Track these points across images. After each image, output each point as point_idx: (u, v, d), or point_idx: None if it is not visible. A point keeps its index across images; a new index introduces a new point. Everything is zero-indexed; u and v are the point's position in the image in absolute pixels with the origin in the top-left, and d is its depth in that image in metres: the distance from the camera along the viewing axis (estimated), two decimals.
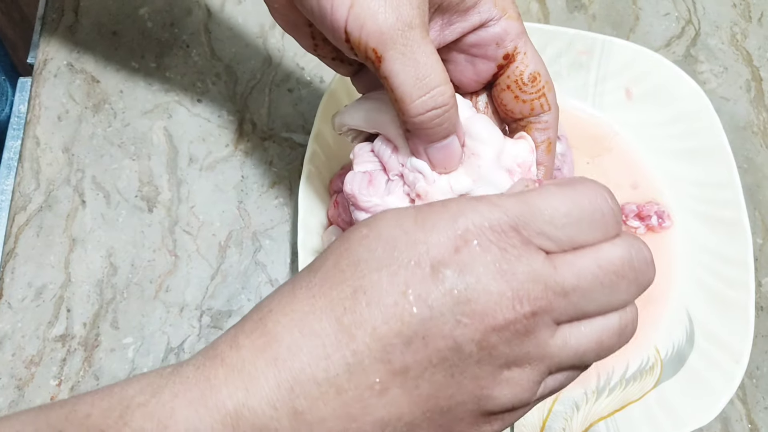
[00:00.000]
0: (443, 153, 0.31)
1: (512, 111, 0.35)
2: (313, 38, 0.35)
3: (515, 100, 0.34)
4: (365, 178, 0.34)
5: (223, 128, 0.53)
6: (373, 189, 0.34)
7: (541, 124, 0.34)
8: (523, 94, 0.34)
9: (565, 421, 0.46)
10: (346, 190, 0.34)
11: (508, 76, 0.34)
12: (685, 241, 0.50)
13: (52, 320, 0.48)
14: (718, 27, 0.59)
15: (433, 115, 0.29)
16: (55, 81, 0.54)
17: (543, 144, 0.34)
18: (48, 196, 0.50)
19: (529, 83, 0.34)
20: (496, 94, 0.35)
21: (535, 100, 0.34)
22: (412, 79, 0.29)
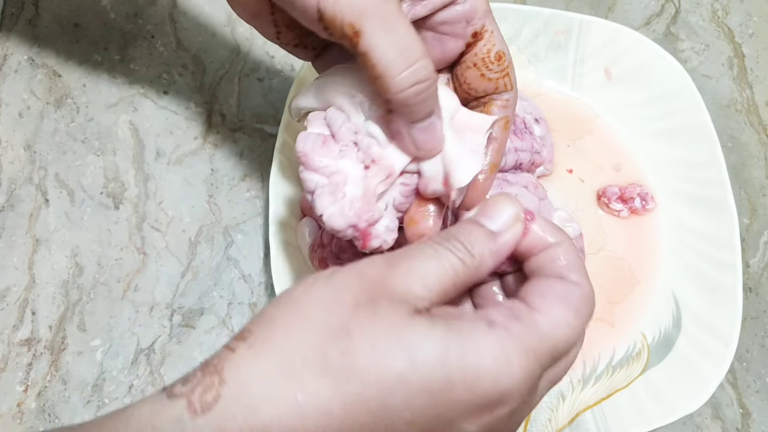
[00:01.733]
0: (427, 134, 0.30)
1: (476, 89, 0.34)
2: (275, 26, 0.34)
3: (480, 78, 0.34)
4: (319, 139, 0.32)
5: (191, 120, 0.51)
6: (327, 150, 0.32)
7: (502, 101, 0.34)
8: (489, 72, 0.34)
9: (551, 412, 0.44)
10: (298, 148, 0.32)
11: (475, 54, 0.33)
12: (670, 223, 0.49)
13: (17, 324, 0.46)
14: (698, 4, 0.58)
15: (418, 89, 0.28)
16: (15, 76, 0.52)
17: (501, 121, 0.34)
18: (10, 195, 0.49)
19: (495, 62, 0.33)
20: (461, 72, 0.34)
21: (499, 79, 0.34)
22: (395, 53, 0.27)
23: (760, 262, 0.51)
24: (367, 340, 0.23)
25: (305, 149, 0.32)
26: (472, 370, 0.24)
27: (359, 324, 0.24)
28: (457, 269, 0.26)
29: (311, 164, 0.32)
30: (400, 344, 0.23)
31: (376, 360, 0.23)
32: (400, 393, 0.23)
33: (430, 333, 0.24)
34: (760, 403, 0.47)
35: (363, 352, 0.23)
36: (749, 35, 0.57)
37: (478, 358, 0.24)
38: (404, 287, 0.25)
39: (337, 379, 0.23)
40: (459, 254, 0.26)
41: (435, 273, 0.26)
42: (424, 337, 0.24)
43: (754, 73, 0.56)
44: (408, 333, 0.24)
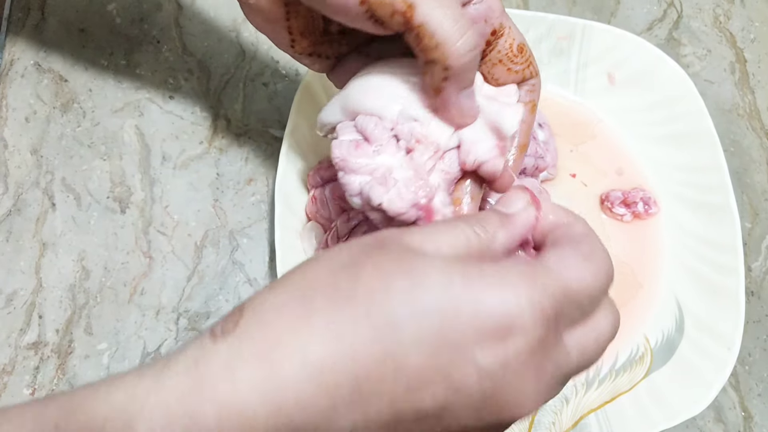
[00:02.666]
0: (471, 100, 0.32)
1: (504, 83, 0.36)
2: (290, 33, 0.35)
3: (507, 73, 0.35)
4: (352, 144, 0.33)
5: (197, 125, 0.52)
6: (362, 152, 0.33)
7: (528, 86, 0.36)
8: (515, 65, 0.35)
9: (554, 415, 0.45)
10: (335, 155, 0.33)
11: (498, 51, 0.35)
12: (672, 227, 0.49)
13: (24, 327, 0.46)
14: (700, 9, 0.58)
15: (474, 54, 0.30)
16: (22, 81, 0.52)
17: (528, 105, 0.36)
18: (17, 199, 0.49)
19: (519, 54, 0.35)
20: (487, 70, 0.35)
21: (524, 69, 0.35)
22: (451, 21, 0.29)
23: (762, 266, 0.51)
24: (373, 266, 0.24)
25: (342, 154, 0.33)
26: (478, 290, 0.24)
27: (368, 256, 0.25)
28: (471, 239, 0.27)
29: (350, 167, 0.33)
30: (406, 268, 0.24)
31: (382, 280, 0.24)
32: (406, 310, 0.23)
33: (433, 260, 0.25)
34: (762, 407, 0.48)
35: (369, 275, 0.24)
36: (751, 40, 0.58)
37: (482, 280, 0.24)
38: (417, 242, 0.26)
39: (345, 299, 0.24)
40: (473, 227, 0.27)
41: (448, 237, 0.26)
42: (430, 263, 0.24)
43: (755, 78, 0.56)
44: (414, 260, 0.24)
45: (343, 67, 0.37)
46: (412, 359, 0.23)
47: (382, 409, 0.23)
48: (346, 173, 0.33)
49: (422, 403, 0.24)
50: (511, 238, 0.28)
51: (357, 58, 0.37)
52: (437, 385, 0.23)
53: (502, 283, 0.24)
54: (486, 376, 0.24)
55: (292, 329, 0.23)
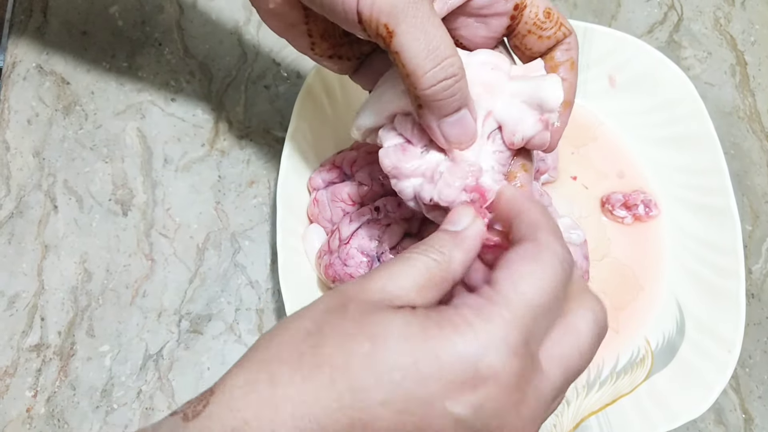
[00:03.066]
0: (457, 128, 0.31)
1: (538, 51, 0.35)
2: (309, 36, 0.35)
3: (539, 40, 0.35)
4: (398, 149, 0.33)
5: (199, 127, 0.52)
6: (410, 154, 0.33)
7: (564, 45, 0.35)
8: (545, 32, 0.35)
9: (555, 417, 0.45)
10: (386, 164, 0.33)
11: (525, 22, 0.34)
12: (673, 229, 0.49)
13: (26, 329, 0.46)
14: (701, 12, 0.59)
15: (445, 85, 0.30)
16: (24, 84, 0.52)
17: (566, 63, 0.35)
18: (19, 202, 0.49)
19: (547, 20, 0.34)
20: (518, 41, 0.35)
21: (556, 32, 0.35)
22: (424, 51, 0.29)
23: (763, 269, 0.51)
24: (335, 332, 0.25)
25: (392, 162, 0.33)
26: (435, 342, 0.24)
27: (330, 322, 0.25)
28: (430, 266, 0.27)
29: (403, 173, 0.33)
30: (364, 329, 0.24)
31: (343, 346, 0.24)
32: (367, 372, 0.24)
33: (393, 317, 0.25)
34: (762, 409, 0.48)
35: (331, 342, 0.24)
36: (751, 43, 0.58)
37: (439, 331, 0.24)
38: (378, 289, 0.26)
39: (308, 369, 0.24)
40: (429, 254, 0.27)
41: (408, 273, 0.26)
42: (387, 320, 0.24)
43: (756, 81, 0.56)
44: (371, 319, 0.25)
45: (370, 68, 0.37)
46: (382, 421, 0.23)
47: None
48: (399, 180, 0.33)
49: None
50: (467, 254, 0.28)
51: (382, 57, 0.37)
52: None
53: (459, 332, 0.24)
54: (462, 424, 0.24)
55: (259, 408, 0.24)
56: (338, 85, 0.49)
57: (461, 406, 0.24)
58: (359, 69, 0.38)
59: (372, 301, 0.25)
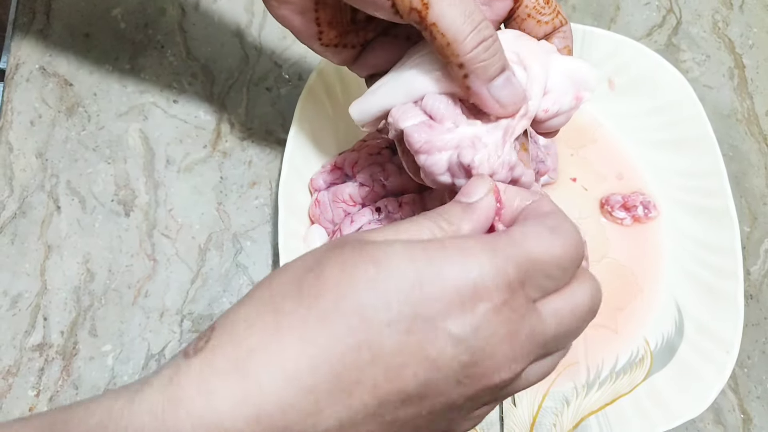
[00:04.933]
0: (507, 89, 0.32)
1: (536, 36, 0.36)
2: (318, 24, 0.35)
3: (537, 25, 0.35)
4: (424, 126, 0.33)
5: (201, 129, 0.52)
6: (439, 128, 0.32)
7: (561, 33, 0.36)
8: (544, 17, 0.35)
9: (555, 417, 0.45)
10: (415, 140, 0.32)
11: (526, 6, 0.35)
12: (672, 231, 0.49)
13: (29, 329, 0.46)
14: (699, 15, 0.59)
15: (486, 45, 0.30)
16: (27, 85, 0.52)
17: (564, 50, 0.36)
18: (22, 202, 0.49)
19: (546, 5, 0.35)
20: (517, 26, 0.36)
21: (554, 19, 0.36)
22: (462, 16, 0.30)
23: (761, 270, 0.51)
24: (336, 262, 0.25)
25: (423, 137, 0.32)
26: (439, 263, 0.24)
27: (330, 256, 0.25)
28: (435, 233, 0.27)
29: (437, 145, 0.32)
30: (365, 254, 0.25)
31: (344, 271, 0.24)
32: (372, 294, 0.24)
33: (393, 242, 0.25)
34: (761, 409, 0.48)
35: (333, 270, 0.25)
36: (749, 46, 0.58)
37: (443, 253, 0.24)
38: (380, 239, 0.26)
39: (311, 297, 0.24)
40: (437, 221, 0.27)
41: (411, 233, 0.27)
42: (388, 245, 0.25)
43: (754, 84, 0.57)
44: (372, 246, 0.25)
45: (373, 51, 0.37)
46: (387, 342, 0.23)
47: (365, 398, 0.24)
48: (430, 155, 0.32)
49: (404, 384, 0.24)
50: (476, 227, 0.28)
51: (385, 41, 0.37)
52: (416, 363, 0.24)
53: (463, 254, 0.25)
54: (460, 344, 0.24)
55: (264, 337, 0.24)
56: (339, 86, 0.49)
57: (461, 327, 0.24)
58: (358, 58, 0.38)
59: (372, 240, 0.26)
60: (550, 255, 0.26)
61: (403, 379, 0.24)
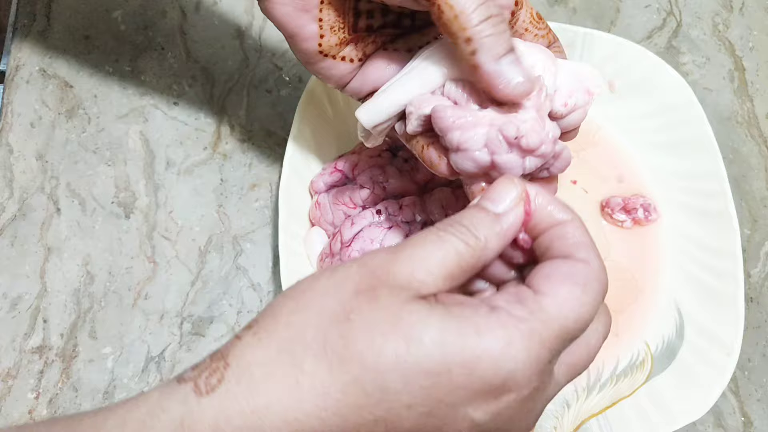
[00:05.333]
0: (515, 69, 0.31)
1: None
2: (320, 26, 0.34)
3: (535, 38, 0.35)
4: (448, 105, 0.32)
5: (201, 131, 0.52)
6: (463, 108, 0.32)
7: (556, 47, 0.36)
8: (540, 31, 0.36)
9: (555, 420, 0.45)
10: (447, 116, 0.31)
11: (522, 21, 0.35)
12: (672, 233, 0.49)
13: (29, 331, 0.46)
14: (699, 17, 0.59)
15: (494, 21, 0.30)
16: (27, 87, 0.52)
17: None
18: (22, 204, 0.49)
19: (539, 21, 0.36)
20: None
21: (548, 34, 0.36)
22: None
23: (761, 272, 0.51)
24: (365, 324, 0.24)
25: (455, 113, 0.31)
26: (471, 352, 0.23)
27: (359, 308, 0.24)
28: (461, 251, 0.26)
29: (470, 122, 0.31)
30: (398, 327, 0.24)
31: (374, 343, 0.23)
32: (398, 375, 0.23)
33: (428, 316, 0.24)
34: (761, 412, 0.48)
35: (361, 336, 0.24)
36: (749, 49, 0.58)
37: (478, 341, 0.24)
38: (406, 273, 0.25)
39: (335, 362, 0.23)
40: (462, 237, 0.26)
41: (438, 257, 0.25)
42: (422, 320, 0.24)
43: (754, 86, 0.57)
44: (406, 316, 0.24)
45: (374, 65, 0.37)
46: (406, 421, 0.23)
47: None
48: (465, 130, 0.31)
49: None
50: (503, 242, 0.27)
51: (385, 54, 0.37)
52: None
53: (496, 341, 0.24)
54: (478, 427, 0.24)
55: (282, 394, 0.23)
56: None
57: (482, 413, 0.24)
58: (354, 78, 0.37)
59: (401, 287, 0.25)
60: (582, 321, 0.25)
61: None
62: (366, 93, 0.37)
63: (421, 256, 0.25)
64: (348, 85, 0.37)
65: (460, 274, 0.26)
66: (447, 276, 0.25)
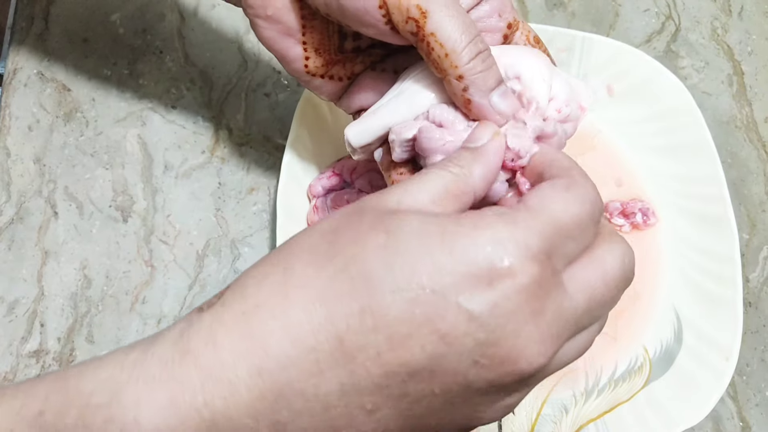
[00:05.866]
0: (507, 99, 0.31)
1: None
2: (304, 50, 0.35)
3: None
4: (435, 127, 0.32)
5: (199, 135, 0.52)
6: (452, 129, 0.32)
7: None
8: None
9: (554, 425, 0.45)
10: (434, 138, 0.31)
11: (516, 43, 0.35)
12: (671, 238, 0.49)
13: (26, 335, 0.46)
14: (698, 22, 0.59)
15: (483, 56, 0.31)
16: (25, 90, 0.52)
17: None
18: (19, 208, 0.49)
19: (537, 45, 0.36)
20: None
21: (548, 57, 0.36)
22: (460, 28, 0.30)
23: (760, 277, 0.51)
24: (351, 229, 0.25)
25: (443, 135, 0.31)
26: (451, 236, 0.24)
27: (346, 223, 0.25)
28: (446, 180, 0.27)
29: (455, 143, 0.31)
30: (380, 223, 0.25)
31: (358, 238, 0.24)
32: (380, 262, 0.23)
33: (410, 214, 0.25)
34: (760, 417, 0.48)
35: (347, 236, 0.25)
36: (748, 53, 0.58)
37: (458, 227, 0.24)
38: (393, 201, 0.26)
39: (321, 259, 0.24)
40: (446, 168, 0.27)
41: (424, 186, 0.26)
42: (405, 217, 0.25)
43: (753, 91, 0.57)
44: (390, 218, 0.25)
45: (360, 87, 0.37)
46: (391, 310, 0.23)
47: (368, 366, 0.23)
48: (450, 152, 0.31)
49: (410, 356, 0.23)
50: (487, 169, 0.28)
51: (372, 75, 0.37)
52: (423, 335, 0.23)
53: (478, 228, 0.24)
54: (475, 320, 0.23)
55: (270, 294, 0.24)
56: None
57: (476, 303, 0.23)
58: (344, 94, 0.38)
59: (388, 208, 0.26)
60: (570, 215, 0.25)
61: (409, 350, 0.23)
62: (354, 110, 0.38)
63: (407, 186, 0.27)
64: (339, 100, 0.38)
65: (449, 197, 0.27)
66: (435, 200, 0.26)
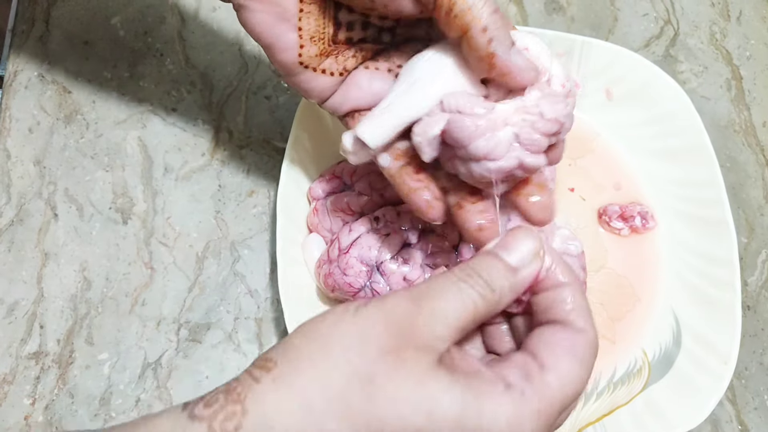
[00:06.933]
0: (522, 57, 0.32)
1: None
2: (300, 36, 0.34)
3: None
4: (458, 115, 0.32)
5: (199, 137, 0.52)
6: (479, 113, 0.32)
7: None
8: None
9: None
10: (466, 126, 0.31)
11: None
12: (670, 241, 0.49)
13: (25, 337, 0.46)
14: (696, 26, 0.59)
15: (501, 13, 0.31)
16: (25, 92, 0.52)
17: None
18: (19, 210, 0.49)
19: None
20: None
21: None
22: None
23: (758, 281, 0.51)
24: (390, 390, 0.24)
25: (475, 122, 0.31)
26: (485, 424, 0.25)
27: (384, 372, 0.25)
28: (478, 304, 0.27)
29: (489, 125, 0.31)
30: (421, 398, 0.24)
31: (397, 411, 0.24)
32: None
33: (450, 389, 0.25)
34: (758, 420, 0.48)
35: (385, 402, 0.24)
36: (747, 58, 0.58)
37: (494, 420, 0.25)
38: (429, 330, 0.26)
39: (357, 425, 0.24)
40: (479, 289, 0.27)
41: (457, 310, 0.27)
42: (445, 393, 0.25)
43: (751, 95, 0.57)
44: (430, 386, 0.25)
45: (355, 83, 0.36)
46: None
47: None
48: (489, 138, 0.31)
49: None
50: (514, 297, 0.28)
51: (365, 73, 0.37)
52: None
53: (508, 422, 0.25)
54: None
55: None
56: None
57: None
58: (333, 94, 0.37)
59: (425, 347, 0.26)
60: (579, 394, 0.27)
61: None
62: (346, 111, 0.37)
63: (442, 309, 0.26)
64: (328, 100, 0.37)
65: (473, 325, 0.27)
66: (462, 329, 0.27)
